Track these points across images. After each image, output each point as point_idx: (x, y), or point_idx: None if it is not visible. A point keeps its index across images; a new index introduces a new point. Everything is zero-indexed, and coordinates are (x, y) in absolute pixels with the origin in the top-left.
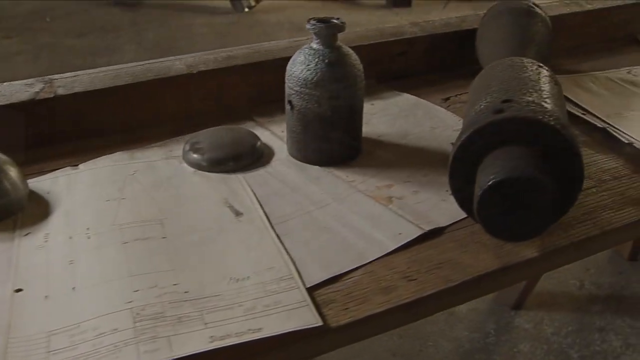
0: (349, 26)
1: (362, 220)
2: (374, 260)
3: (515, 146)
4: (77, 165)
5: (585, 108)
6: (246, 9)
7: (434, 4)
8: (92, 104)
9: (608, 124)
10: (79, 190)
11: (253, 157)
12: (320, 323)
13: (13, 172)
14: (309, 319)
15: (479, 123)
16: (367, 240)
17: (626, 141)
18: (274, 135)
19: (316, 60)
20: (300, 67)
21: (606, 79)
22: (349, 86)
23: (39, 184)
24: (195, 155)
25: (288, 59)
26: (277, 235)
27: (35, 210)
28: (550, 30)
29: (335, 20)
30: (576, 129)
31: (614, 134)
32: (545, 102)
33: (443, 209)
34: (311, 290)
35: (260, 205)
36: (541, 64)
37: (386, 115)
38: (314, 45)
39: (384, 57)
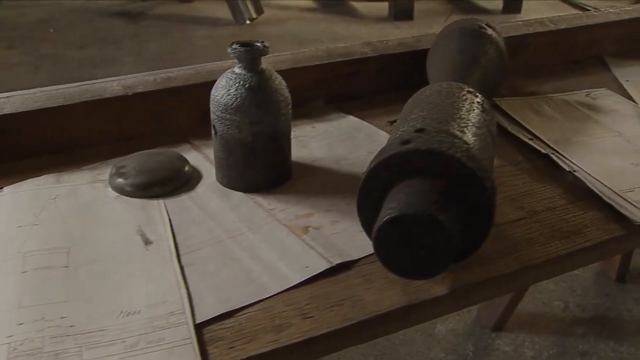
0: (349, 39)
1: (272, 252)
2: (275, 295)
3: (418, 180)
4: (2, 188)
5: (534, 133)
6: (247, 21)
7: (437, 17)
8: (23, 126)
9: (554, 150)
10: None
11: (178, 182)
12: None
13: None
14: (189, 358)
15: (384, 154)
16: (271, 273)
17: (568, 169)
18: (206, 159)
19: (237, 85)
20: (222, 91)
21: (563, 102)
22: (271, 111)
23: None
24: (119, 180)
25: None
26: (181, 266)
27: None
28: (502, 53)
29: (258, 44)
30: (520, 156)
31: (557, 161)
32: (463, 131)
33: (359, 240)
34: (202, 326)
35: (173, 234)
36: (472, 90)
37: (325, 139)
38: (237, 70)
39: (333, 77)
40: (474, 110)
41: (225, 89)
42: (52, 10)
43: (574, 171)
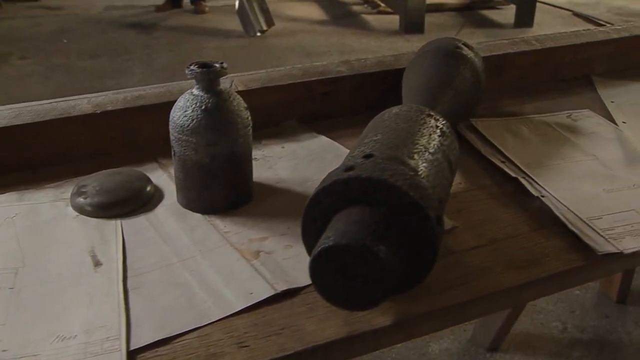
0: (359, 52)
1: (218, 277)
2: (215, 321)
3: (359, 208)
4: None
5: (507, 155)
6: (258, 33)
7: (447, 30)
8: None
9: (525, 174)
10: None
11: (138, 202)
12: None
13: None
14: None
15: (326, 181)
16: (215, 299)
17: (536, 194)
18: (171, 178)
19: (193, 106)
20: (179, 112)
21: (542, 123)
22: (228, 133)
23: None
24: (79, 199)
25: None
26: (125, 290)
27: None
28: (478, 73)
29: (216, 65)
30: (489, 180)
31: (526, 185)
32: (413, 157)
33: None
34: (135, 353)
35: (124, 256)
36: (432, 113)
37: (293, 159)
38: (195, 91)
39: (307, 96)
40: (430, 135)
41: (182, 110)
42: (68, 21)
43: (542, 196)
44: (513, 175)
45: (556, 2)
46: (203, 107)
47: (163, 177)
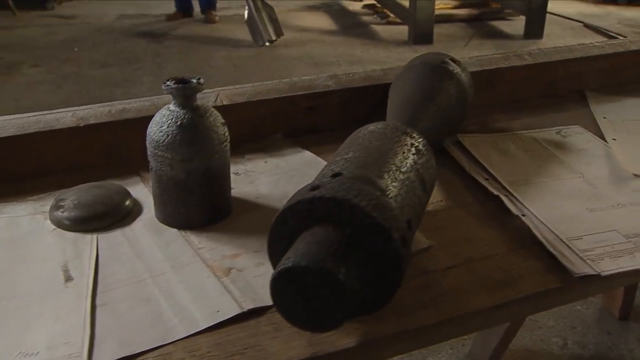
0: (367, 62)
1: (187, 294)
2: (179, 340)
3: (323, 228)
4: None
5: (491, 173)
6: (267, 43)
7: (456, 41)
8: None
9: (508, 192)
10: None
11: (116, 217)
12: None
13: None
14: None
15: (292, 200)
16: (181, 317)
17: (516, 212)
18: (151, 193)
19: (169, 121)
20: (155, 128)
21: (530, 140)
22: (204, 149)
23: None
24: (57, 213)
25: None
26: (93, 306)
27: None
28: (464, 89)
29: (193, 81)
30: (471, 197)
31: (507, 203)
32: (382, 177)
33: None
34: None
35: (96, 271)
36: (409, 131)
37: (275, 175)
38: (171, 107)
39: (293, 111)
40: (404, 153)
41: (158, 126)
42: (81, 30)
43: (523, 215)
44: (495, 193)
45: (566, 13)
46: (179, 123)
47: (144, 192)
